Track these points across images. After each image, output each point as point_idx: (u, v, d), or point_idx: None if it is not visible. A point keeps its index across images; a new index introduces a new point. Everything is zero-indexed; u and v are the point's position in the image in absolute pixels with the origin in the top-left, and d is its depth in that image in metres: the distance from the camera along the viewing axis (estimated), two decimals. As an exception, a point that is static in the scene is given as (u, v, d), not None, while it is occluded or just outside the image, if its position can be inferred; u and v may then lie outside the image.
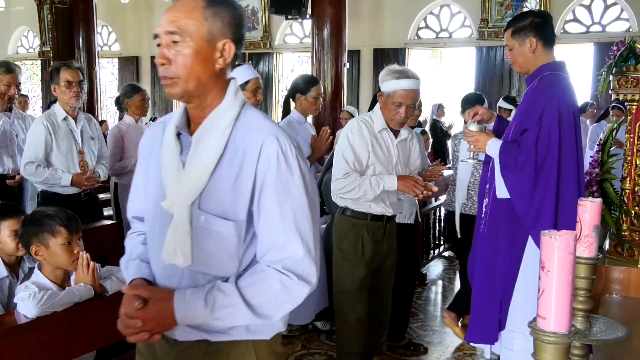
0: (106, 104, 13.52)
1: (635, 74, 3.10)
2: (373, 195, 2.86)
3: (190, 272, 1.40)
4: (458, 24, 10.57)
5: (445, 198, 4.57)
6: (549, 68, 2.65)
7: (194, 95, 1.40)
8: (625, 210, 3.18)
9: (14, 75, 4.03)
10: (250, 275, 1.36)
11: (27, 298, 1.91)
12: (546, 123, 2.52)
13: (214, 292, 1.34)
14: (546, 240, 1.12)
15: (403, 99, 2.82)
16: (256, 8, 11.73)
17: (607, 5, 9.44)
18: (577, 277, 1.46)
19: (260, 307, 1.34)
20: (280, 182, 1.34)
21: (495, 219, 2.72)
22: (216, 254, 1.38)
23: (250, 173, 1.35)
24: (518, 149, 2.56)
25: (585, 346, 1.44)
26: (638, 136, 3.13)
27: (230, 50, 1.40)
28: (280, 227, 1.34)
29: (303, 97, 3.80)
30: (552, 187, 2.53)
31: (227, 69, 1.44)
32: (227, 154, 1.36)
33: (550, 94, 2.57)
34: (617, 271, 3.07)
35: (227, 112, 1.40)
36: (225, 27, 1.38)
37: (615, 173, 3.35)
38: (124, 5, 11.72)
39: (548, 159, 2.52)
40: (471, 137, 2.75)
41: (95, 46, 9.05)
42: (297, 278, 1.34)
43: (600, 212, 1.56)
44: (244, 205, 1.36)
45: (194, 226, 1.36)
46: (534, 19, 2.67)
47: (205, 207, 1.36)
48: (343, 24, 7.95)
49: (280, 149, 1.35)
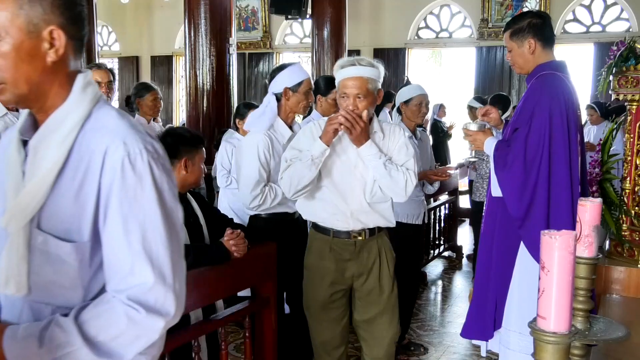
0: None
1: (635, 74, 3.10)
2: (309, 172, 2.46)
3: (31, 303, 1.20)
4: (458, 24, 10.58)
5: None
6: (546, 68, 2.66)
7: (29, 99, 1.20)
8: (625, 210, 3.18)
9: None
10: (93, 308, 1.15)
11: None
12: (536, 122, 2.53)
13: (51, 328, 1.12)
14: (546, 240, 1.12)
15: (347, 88, 2.49)
16: (256, 8, 11.73)
17: (607, 5, 9.44)
18: (577, 277, 1.46)
19: (105, 345, 1.13)
20: (125, 196, 1.14)
21: (491, 217, 2.75)
22: (56, 280, 1.17)
23: (94, 185, 1.15)
24: (508, 147, 2.59)
25: (585, 346, 1.44)
26: (638, 136, 3.13)
27: (60, 37, 1.17)
28: (125, 250, 1.14)
29: (323, 98, 3.68)
30: (543, 187, 2.54)
31: (67, 61, 1.21)
32: (71, 163, 1.16)
33: (542, 94, 2.58)
34: (617, 271, 3.07)
35: (71, 113, 1.19)
36: (48, 12, 1.15)
37: (615, 173, 3.35)
38: (124, 5, 11.71)
39: (537, 158, 2.53)
40: (469, 136, 2.78)
41: (95, 46, 9.04)
42: (146, 311, 1.13)
43: (600, 212, 1.56)
44: (87, 223, 1.15)
45: (31, 248, 1.15)
46: (531, 20, 2.67)
47: (45, 226, 1.16)
48: (343, 24, 7.97)
49: (128, 156, 1.14)
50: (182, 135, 2.61)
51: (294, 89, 2.93)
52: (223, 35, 4.84)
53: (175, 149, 2.56)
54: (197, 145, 2.61)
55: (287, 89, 2.92)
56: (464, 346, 3.86)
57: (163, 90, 12.55)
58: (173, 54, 12.57)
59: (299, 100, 2.95)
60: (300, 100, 2.95)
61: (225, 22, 4.85)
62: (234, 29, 5.00)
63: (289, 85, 2.92)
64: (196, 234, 2.62)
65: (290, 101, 2.95)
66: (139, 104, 4.39)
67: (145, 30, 12.95)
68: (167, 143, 2.58)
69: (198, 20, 4.75)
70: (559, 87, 2.60)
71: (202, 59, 4.75)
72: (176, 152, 2.56)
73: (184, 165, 2.55)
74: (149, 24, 12.88)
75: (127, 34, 13.28)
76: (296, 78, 2.93)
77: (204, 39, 4.75)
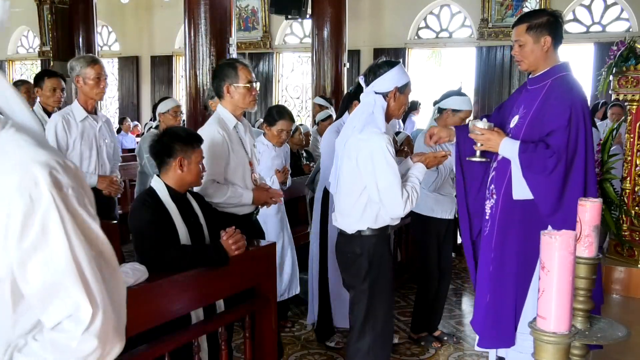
0: (106, 104, 13.54)
1: (635, 74, 3.11)
2: None
3: None
4: (458, 24, 10.58)
5: None
6: (562, 69, 2.64)
7: None
8: (625, 210, 3.18)
9: None
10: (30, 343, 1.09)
11: None
12: (574, 124, 2.49)
13: None
14: (546, 240, 1.12)
15: None
16: (256, 8, 11.73)
17: (607, 5, 9.44)
18: (577, 277, 1.45)
19: None
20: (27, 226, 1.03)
21: (505, 220, 2.65)
22: None
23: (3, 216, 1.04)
24: (547, 150, 2.49)
25: (585, 346, 1.44)
26: (638, 136, 3.13)
27: None
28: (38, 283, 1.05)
29: None
30: (580, 188, 2.50)
31: None
32: None
33: (574, 95, 2.55)
34: (617, 271, 3.07)
35: None
36: None
37: (615, 173, 3.35)
38: (123, 5, 11.71)
39: (575, 160, 2.50)
40: (480, 135, 2.63)
41: (95, 46, 9.04)
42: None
43: (600, 212, 1.56)
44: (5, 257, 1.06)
45: None
46: (550, 17, 2.64)
47: None
48: (343, 24, 7.96)
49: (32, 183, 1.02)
50: (177, 134, 2.62)
51: (402, 90, 2.69)
52: (223, 35, 4.83)
53: (170, 147, 2.57)
54: (193, 144, 2.61)
55: (396, 89, 2.67)
56: (465, 346, 3.86)
57: (163, 90, 12.61)
58: (173, 54, 12.57)
59: (402, 103, 2.73)
60: (402, 104, 2.74)
61: (225, 22, 4.84)
62: (234, 29, 4.99)
63: (398, 85, 2.67)
64: (196, 233, 2.62)
65: (395, 103, 2.70)
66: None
67: (145, 30, 12.95)
68: (162, 142, 2.59)
69: (198, 20, 4.74)
70: (581, 88, 2.60)
71: (202, 59, 4.74)
72: (171, 150, 2.56)
73: (179, 164, 2.56)
74: (149, 24, 12.88)
75: (127, 34, 13.28)
76: (404, 78, 2.70)
77: (204, 39, 4.75)
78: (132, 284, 2.18)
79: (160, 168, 2.62)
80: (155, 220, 2.47)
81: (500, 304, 2.67)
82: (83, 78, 3.62)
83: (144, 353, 2.24)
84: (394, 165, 2.57)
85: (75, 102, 3.73)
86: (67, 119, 3.62)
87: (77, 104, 3.70)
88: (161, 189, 2.57)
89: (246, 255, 2.62)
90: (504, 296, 2.66)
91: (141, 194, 2.66)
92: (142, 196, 2.59)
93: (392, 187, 2.57)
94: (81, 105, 3.68)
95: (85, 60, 3.70)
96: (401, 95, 2.70)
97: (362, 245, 2.69)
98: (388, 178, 2.57)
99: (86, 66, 3.63)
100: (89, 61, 3.67)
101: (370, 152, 2.59)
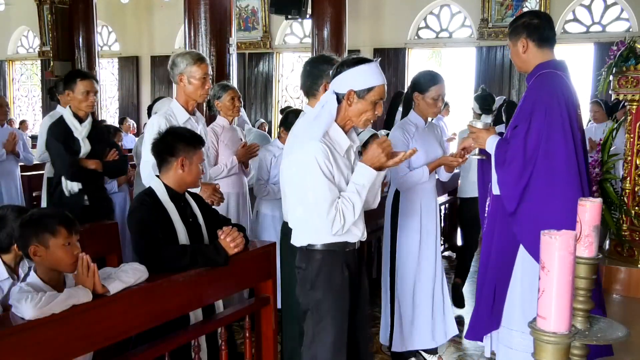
0: (106, 104, 13.53)
1: (635, 74, 3.11)
2: None
3: None
4: (458, 24, 10.57)
5: None
6: (546, 67, 2.67)
7: None
8: (625, 210, 3.18)
9: None
10: None
11: (24, 300, 1.90)
12: (535, 120, 2.55)
13: None
14: (546, 240, 1.12)
15: None
16: (256, 8, 11.72)
17: (607, 5, 9.43)
18: (577, 277, 1.45)
19: None
20: None
21: (491, 216, 2.76)
22: None
23: None
24: (507, 145, 2.61)
25: (585, 346, 1.44)
26: (638, 136, 3.13)
27: None
28: None
29: (421, 96, 3.32)
30: (537, 184, 2.55)
31: None
32: None
33: (541, 92, 2.60)
34: (617, 271, 3.07)
35: None
36: None
37: (615, 173, 3.35)
38: (124, 5, 11.72)
39: (535, 155, 2.55)
40: (473, 133, 2.79)
41: (95, 46, 9.05)
42: None
43: (600, 212, 1.55)
44: None
45: None
46: (526, 20, 2.70)
47: None
48: (343, 24, 7.96)
49: None
50: (181, 134, 2.62)
51: (361, 94, 2.26)
52: (223, 35, 4.83)
53: (173, 147, 2.57)
54: (195, 146, 2.61)
55: (352, 92, 2.27)
56: (464, 347, 3.86)
57: (163, 90, 12.60)
58: (173, 53, 12.55)
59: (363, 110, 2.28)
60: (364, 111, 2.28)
61: (225, 22, 4.85)
62: (234, 29, 5.00)
63: (355, 89, 2.26)
64: (195, 234, 2.62)
65: (353, 108, 2.29)
66: (218, 106, 4.10)
67: (145, 30, 12.95)
68: (166, 141, 2.60)
69: (198, 20, 4.74)
70: (557, 85, 2.61)
71: (202, 59, 4.74)
72: (173, 150, 2.56)
73: (180, 164, 2.56)
74: (149, 24, 12.87)
75: (127, 34, 13.28)
76: (368, 81, 2.26)
77: (204, 39, 4.75)
78: (132, 284, 2.18)
79: (161, 167, 2.61)
80: (154, 220, 2.47)
81: (481, 295, 2.79)
82: (188, 77, 3.23)
83: (144, 353, 2.24)
84: (321, 180, 2.19)
85: (174, 101, 3.35)
86: (169, 120, 3.20)
87: (178, 104, 3.30)
88: (160, 189, 2.57)
89: (246, 256, 2.62)
90: (486, 291, 2.76)
91: (140, 194, 2.65)
92: (141, 196, 2.59)
93: (317, 204, 2.21)
94: (182, 106, 3.29)
95: (192, 57, 3.28)
96: (361, 100, 2.26)
97: (308, 260, 2.37)
98: (312, 194, 2.22)
99: (192, 64, 3.24)
100: (195, 59, 3.27)
101: (298, 162, 2.27)
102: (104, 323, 2.07)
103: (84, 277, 2.08)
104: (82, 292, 2.03)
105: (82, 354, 2.08)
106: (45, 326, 1.89)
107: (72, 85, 3.79)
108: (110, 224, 3.43)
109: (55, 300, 1.92)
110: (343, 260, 2.37)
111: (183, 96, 3.30)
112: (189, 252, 2.42)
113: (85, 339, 2.02)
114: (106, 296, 2.11)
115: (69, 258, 2.11)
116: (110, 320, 2.10)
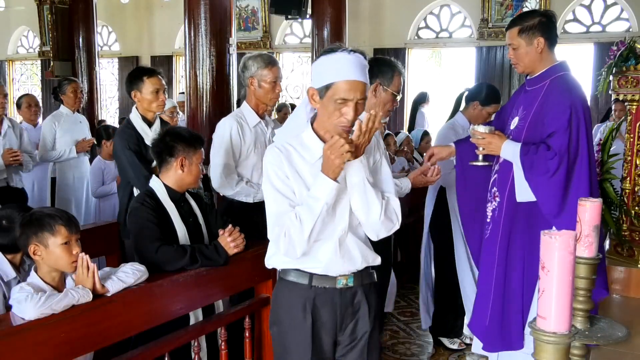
0: (106, 104, 13.53)
1: (635, 74, 3.10)
2: None
3: None
4: (458, 24, 10.57)
5: None
6: (560, 69, 2.62)
7: None
8: (625, 210, 3.18)
9: None
10: None
11: (24, 300, 1.90)
12: (575, 124, 2.49)
13: None
14: (546, 240, 1.12)
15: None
16: (256, 8, 11.72)
17: (607, 5, 9.43)
18: (577, 277, 1.45)
19: None
20: None
21: (510, 223, 2.64)
22: None
23: None
24: (549, 152, 2.48)
25: (585, 346, 1.44)
26: (638, 136, 3.13)
27: None
28: None
29: (480, 107, 3.60)
30: (585, 188, 2.48)
31: None
32: None
33: (573, 95, 2.54)
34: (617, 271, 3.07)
35: None
36: None
37: (615, 173, 3.35)
38: (124, 5, 11.71)
39: (578, 161, 2.49)
40: (482, 139, 2.64)
41: (95, 46, 9.02)
42: None
43: (600, 212, 1.56)
44: None
45: None
46: (541, 19, 2.62)
47: None
48: (343, 24, 7.96)
49: None
50: (180, 135, 2.62)
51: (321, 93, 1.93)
52: (223, 35, 4.82)
53: (172, 147, 2.57)
54: (195, 146, 2.61)
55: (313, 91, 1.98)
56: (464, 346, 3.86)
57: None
58: (173, 54, 12.55)
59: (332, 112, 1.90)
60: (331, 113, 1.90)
61: (225, 22, 4.84)
62: (234, 29, 4.99)
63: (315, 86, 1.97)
64: (195, 234, 2.62)
65: (321, 109, 1.98)
66: None
67: (145, 30, 12.93)
68: (165, 142, 2.60)
69: (198, 20, 4.73)
70: (580, 87, 2.59)
71: (202, 59, 4.73)
72: (173, 150, 2.56)
73: (180, 164, 2.56)
74: (149, 24, 12.86)
75: (127, 34, 13.27)
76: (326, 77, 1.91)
77: (204, 39, 4.74)
78: (132, 284, 2.18)
79: (160, 167, 2.62)
80: (154, 220, 2.47)
81: (507, 308, 2.64)
82: (259, 80, 3.19)
83: (144, 353, 2.25)
84: (268, 189, 1.91)
85: (244, 104, 3.30)
86: (240, 123, 3.19)
87: (248, 107, 3.26)
88: (160, 189, 2.57)
89: (246, 256, 2.62)
90: (510, 300, 2.63)
91: (140, 194, 2.66)
92: (141, 196, 2.59)
93: (269, 217, 1.91)
94: (252, 109, 3.25)
95: (264, 60, 3.23)
96: (322, 101, 1.86)
97: (275, 289, 2.08)
98: (266, 206, 1.93)
99: (264, 67, 3.19)
100: (267, 62, 3.22)
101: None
102: (104, 323, 2.07)
103: (84, 277, 2.08)
104: (82, 292, 2.03)
105: (82, 354, 2.09)
106: (45, 326, 1.89)
107: (139, 85, 3.37)
108: (110, 224, 3.43)
109: (55, 300, 1.93)
110: (302, 298, 1.93)
111: (253, 99, 3.26)
112: (189, 252, 2.42)
113: (85, 339, 2.02)
114: (106, 296, 2.11)
115: (68, 257, 2.11)
116: (110, 320, 2.10)
